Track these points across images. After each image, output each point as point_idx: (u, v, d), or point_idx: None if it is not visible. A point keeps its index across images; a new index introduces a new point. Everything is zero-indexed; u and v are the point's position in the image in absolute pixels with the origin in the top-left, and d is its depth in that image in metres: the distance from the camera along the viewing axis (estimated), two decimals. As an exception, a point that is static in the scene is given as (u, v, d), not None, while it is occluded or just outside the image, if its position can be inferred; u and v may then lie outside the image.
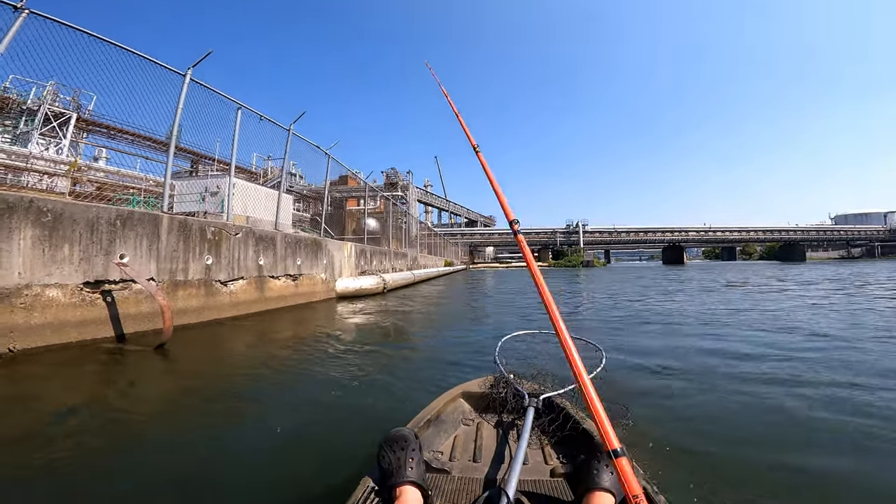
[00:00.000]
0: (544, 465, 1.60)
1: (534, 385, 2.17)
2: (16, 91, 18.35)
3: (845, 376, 3.18)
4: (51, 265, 4.31)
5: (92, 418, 2.57)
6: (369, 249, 13.94)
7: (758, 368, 3.48)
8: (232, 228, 6.87)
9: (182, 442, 2.26)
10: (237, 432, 2.40)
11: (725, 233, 74.32)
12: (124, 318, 4.89)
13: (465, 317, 7.55)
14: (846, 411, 2.50)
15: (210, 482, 1.84)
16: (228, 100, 7.29)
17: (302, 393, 3.09)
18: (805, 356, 3.85)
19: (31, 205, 4.18)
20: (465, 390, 2.17)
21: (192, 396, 3.05)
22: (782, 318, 6.23)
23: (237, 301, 6.84)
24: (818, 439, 2.18)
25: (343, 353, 4.46)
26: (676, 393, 2.91)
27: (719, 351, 4.18)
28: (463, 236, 69.39)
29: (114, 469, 1.95)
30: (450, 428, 1.89)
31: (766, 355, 3.94)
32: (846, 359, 3.74)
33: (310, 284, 9.40)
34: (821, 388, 2.91)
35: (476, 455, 1.67)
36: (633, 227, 72.96)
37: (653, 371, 3.49)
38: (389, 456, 1.33)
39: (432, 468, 1.50)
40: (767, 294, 10.54)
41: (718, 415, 2.54)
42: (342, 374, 3.60)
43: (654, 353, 4.09)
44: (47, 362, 3.83)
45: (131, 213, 5.14)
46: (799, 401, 2.68)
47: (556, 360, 3.03)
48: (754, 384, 3.06)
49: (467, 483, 1.46)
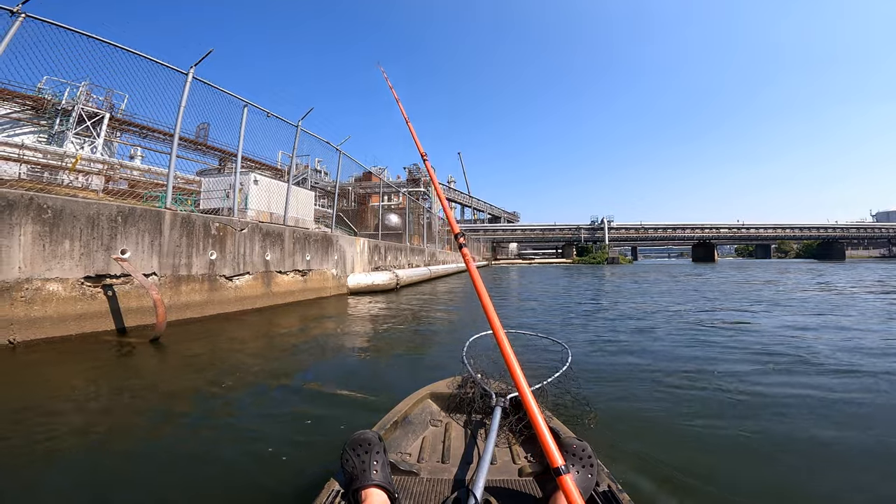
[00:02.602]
0: (513, 465, 1.60)
1: (501, 384, 2.17)
2: (50, 92, 19.17)
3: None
4: (51, 260, 4.42)
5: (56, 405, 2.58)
6: (383, 245, 13.95)
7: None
8: (237, 224, 6.94)
9: (134, 441, 2.22)
10: (199, 434, 2.33)
11: (759, 230, 71.32)
12: (125, 312, 4.99)
13: (467, 322, 7.34)
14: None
15: (154, 488, 1.79)
16: (235, 98, 7.36)
17: (279, 394, 3.02)
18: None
19: (32, 202, 4.29)
20: (433, 391, 2.16)
21: (161, 392, 3.04)
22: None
23: (242, 296, 6.92)
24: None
25: (333, 351, 4.42)
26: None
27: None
28: (486, 232, 69.01)
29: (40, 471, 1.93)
30: (418, 429, 1.88)
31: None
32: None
33: (319, 280, 9.46)
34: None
35: (444, 456, 1.67)
36: (661, 224, 70.82)
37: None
38: (353, 459, 1.31)
39: (400, 470, 1.48)
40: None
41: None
42: (323, 373, 3.56)
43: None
44: (41, 353, 3.92)
45: (133, 209, 5.23)
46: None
47: (522, 359, 2.90)
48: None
49: (436, 484, 1.46)
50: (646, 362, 3.68)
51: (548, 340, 3.11)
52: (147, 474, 1.89)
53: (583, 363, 3.50)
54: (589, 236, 69.51)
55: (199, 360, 3.91)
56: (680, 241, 78.54)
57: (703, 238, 71.16)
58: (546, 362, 2.80)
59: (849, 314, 6.62)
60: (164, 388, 3.11)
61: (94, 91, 21.25)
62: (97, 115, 21.58)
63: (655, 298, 9.68)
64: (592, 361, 3.70)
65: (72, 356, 3.93)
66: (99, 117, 21.66)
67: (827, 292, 10.42)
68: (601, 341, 4.62)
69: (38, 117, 20.32)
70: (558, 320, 6.47)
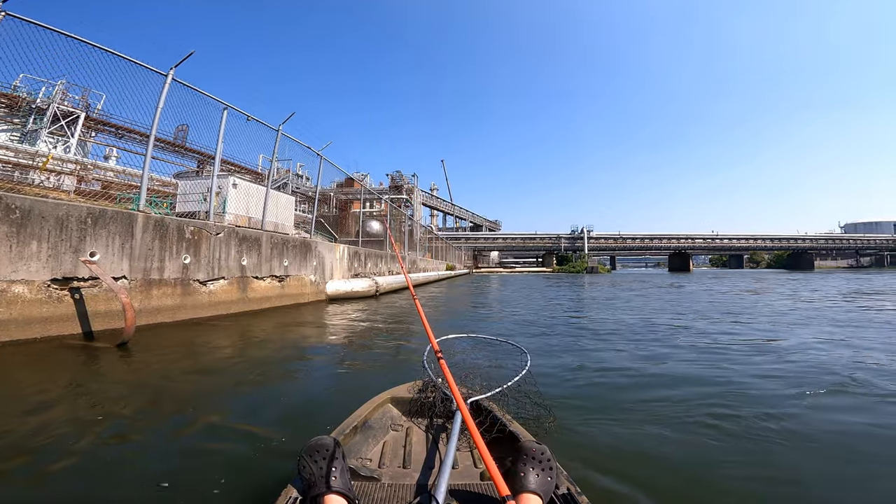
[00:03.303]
0: (474, 469, 1.61)
1: (462, 388, 2.16)
2: (25, 89, 18.64)
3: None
4: (17, 261, 4.33)
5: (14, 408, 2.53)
6: (363, 252, 13.93)
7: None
8: (213, 228, 6.88)
9: (86, 447, 2.15)
10: (157, 441, 2.26)
11: (733, 240, 73.60)
12: (93, 316, 4.90)
13: (445, 329, 7.39)
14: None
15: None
16: (214, 100, 7.32)
17: (245, 399, 3.00)
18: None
19: (0, 201, 4.20)
20: (394, 395, 2.14)
21: (120, 398, 3.00)
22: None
23: (217, 301, 6.84)
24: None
25: (304, 357, 4.42)
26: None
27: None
28: (467, 240, 69.35)
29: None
30: (378, 434, 1.87)
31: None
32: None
33: (297, 286, 9.40)
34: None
35: (406, 461, 1.66)
36: (639, 234, 72.42)
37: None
38: (311, 466, 1.28)
39: (360, 476, 1.47)
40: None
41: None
42: (290, 378, 3.57)
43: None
44: (6, 356, 3.82)
45: (104, 211, 5.16)
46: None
47: (483, 363, 2.99)
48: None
49: (397, 490, 1.44)
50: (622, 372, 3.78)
51: (509, 345, 3.18)
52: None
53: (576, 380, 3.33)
54: (569, 245, 70.56)
55: (164, 366, 3.85)
56: (657, 251, 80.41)
57: (679, 248, 73.06)
58: (508, 367, 2.85)
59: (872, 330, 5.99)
60: (118, 394, 3.06)
61: (70, 90, 20.77)
62: (72, 115, 21.06)
63: (651, 313, 8.42)
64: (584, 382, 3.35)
65: (34, 360, 3.85)
66: (74, 116, 21.14)
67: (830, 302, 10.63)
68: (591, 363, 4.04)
69: (12, 115, 19.71)
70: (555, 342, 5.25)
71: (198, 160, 24.78)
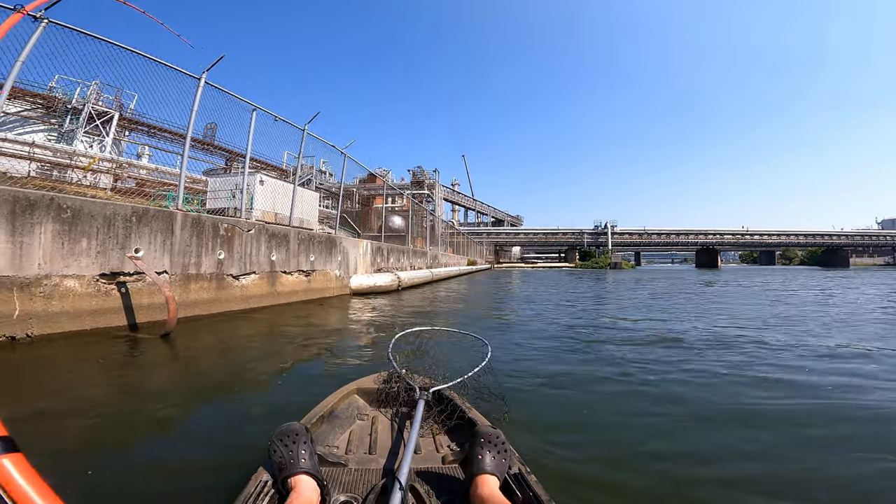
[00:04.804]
0: (436, 454, 1.70)
1: (425, 379, 2.30)
2: (61, 90, 19.47)
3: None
4: (69, 257, 4.63)
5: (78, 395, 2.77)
6: (386, 247, 14.15)
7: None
8: (245, 225, 7.15)
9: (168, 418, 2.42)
10: (181, 427, 2.46)
11: (764, 236, 71.20)
12: (137, 309, 5.20)
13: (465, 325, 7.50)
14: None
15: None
16: (244, 102, 7.58)
17: (286, 382, 3.21)
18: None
19: (52, 202, 4.50)
20: (360, 386, 2.25)
21: (175, 382, 3.23)
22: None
23: (248, 295, 7.12)
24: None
25: (327, 350, 4.60)
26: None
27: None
28: (489, 235, 69.16)
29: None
30: (345, 423, 1.95)
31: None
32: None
33: (323, 280, 9.65)
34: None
35: (372, 447, 1.75)
36: (665, 229, 70.78)
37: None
38: (281, 450, 1.36)
39: (328, 462, 1.54)
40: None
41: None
42: (327, 366, 3.73)
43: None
44: (59, 346, 4.13)
45: (147, 209, 5.44)
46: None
47: (445, 356, 3.12)
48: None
49: (363, 474, 1.53)
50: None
51: (471, 337, 3.29)
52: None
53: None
54: (592, 241, 69.57)
55: (209, 358, 4.10)
56: (683, 247, 78.49)
57: (707, 244, 71.10)
58: (470, 358, 2.89)
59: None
60: (172, 378, 3.30)
61: (104, 90, 21.59)
62: (106, 114, 21.90)
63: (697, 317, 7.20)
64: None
65: (87, 350, 4.14)
66: (108, 116, 21.99)
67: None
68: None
69: (49, 115, 20.61)
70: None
71: (226, 158, 25.51)
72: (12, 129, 18.26)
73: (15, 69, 4.63)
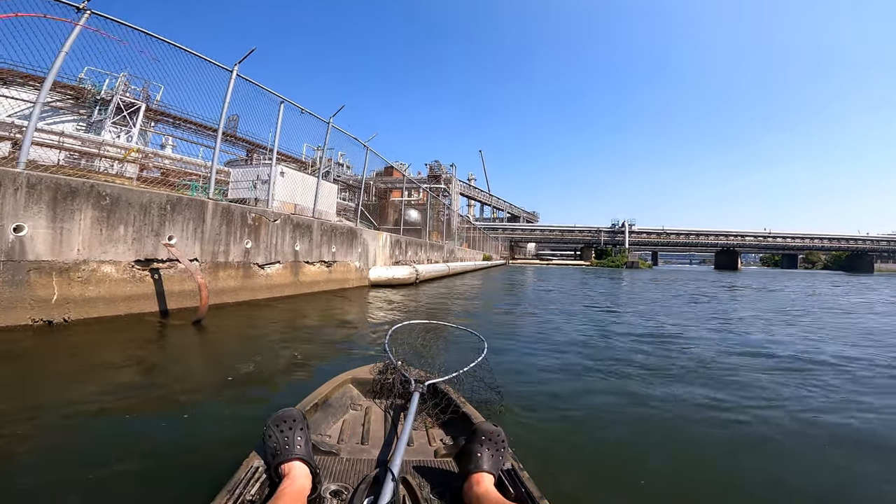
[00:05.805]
0: (429, 447, 1.70)
1: (420, 371, 2.30)
2: (90, 82, 19.96)
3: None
4: (107, 244, 4.77)
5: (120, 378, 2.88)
6: (404, 240, 14.22)
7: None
8: (271, 215, 7.26)
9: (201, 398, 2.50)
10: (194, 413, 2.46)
11: (787, 239, 69.48)
12: (169, 295, 5.33)
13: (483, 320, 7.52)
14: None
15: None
16: (273, 94, 7.67)
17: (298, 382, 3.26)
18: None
19: (93, 189, 4.63)
20: (355, 376, 2.25)
21: (209, 367, 3.32)
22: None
23: (273, 284, 7.25)
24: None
25: (361, 337, 4.66)
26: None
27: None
28: (504, 231, 68.95)
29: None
30: (338, 412, 1.95)
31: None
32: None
33: (343, 271, 9.76)
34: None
35: (364, 438, 1.74)
36: (684, 230, 69.60)
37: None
38: (276, 435, 1.34)
39: (320, 450, 1.54)
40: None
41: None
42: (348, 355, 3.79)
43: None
44: (97, 331, 4.27)
45: (180, 198, 5.57)
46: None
47: (442, 349, 3.12)
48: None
49: (355, 464, 1.53)
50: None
51: (468, 333, 3.27)
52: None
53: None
54: (609, 239, 68.80)
55: (240, 341, 4.21)
56: (703, 248, 77.06)
57: (727, 246, 69.70)
58: (467, 354, 2.85)
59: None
60: (206, 363, 3.40)
61: (132, 82, 22.07)
62: (134, 106, 22.41)
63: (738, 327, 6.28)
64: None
65: (124, 334, 4.28)
66: (135, 107, 22.51)
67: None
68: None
69: (78, 106, 21.17)
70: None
71: (247, 149, 25.89)
72: (43, 119, 18.80)
73: (59, 60, 4.76)
